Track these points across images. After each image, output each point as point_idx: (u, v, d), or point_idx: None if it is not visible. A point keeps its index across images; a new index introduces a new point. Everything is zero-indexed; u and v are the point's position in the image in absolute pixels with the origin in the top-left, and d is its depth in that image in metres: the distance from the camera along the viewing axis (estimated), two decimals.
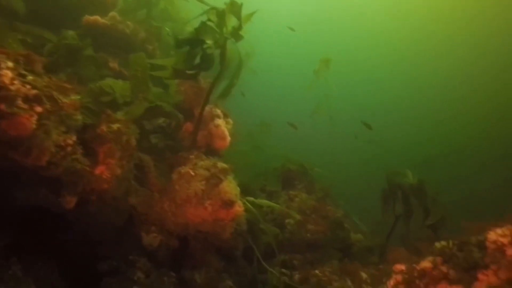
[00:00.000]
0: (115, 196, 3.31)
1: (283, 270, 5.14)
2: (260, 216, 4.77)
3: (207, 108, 4.84)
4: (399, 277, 3.46)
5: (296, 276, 4.69)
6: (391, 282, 3.49)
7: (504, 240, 2.88)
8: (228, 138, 5.02)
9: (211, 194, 3.60)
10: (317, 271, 4.61)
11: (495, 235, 3.00)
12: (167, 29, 5.51)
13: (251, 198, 4.93)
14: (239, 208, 3.78)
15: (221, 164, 3.79)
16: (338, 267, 4.73)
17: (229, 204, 3.66)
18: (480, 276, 2.93)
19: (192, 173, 3.59)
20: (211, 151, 4.99)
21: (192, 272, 3.84)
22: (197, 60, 4.45)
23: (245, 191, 6.55)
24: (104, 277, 3.29)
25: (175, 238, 3.86)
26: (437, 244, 3.47)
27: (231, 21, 4.16)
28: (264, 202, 5.08)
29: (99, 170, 3.00)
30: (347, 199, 8.13)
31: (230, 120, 5.23)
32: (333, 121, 10.08)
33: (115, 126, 3.21)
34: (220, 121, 4.85)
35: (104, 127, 3.10)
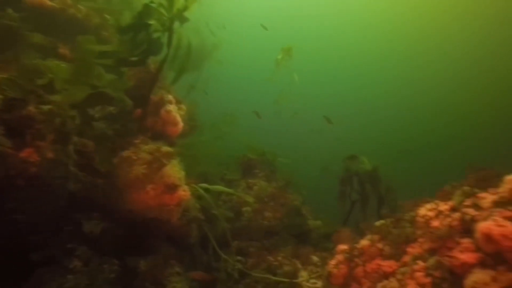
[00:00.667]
0: (48, 182, 3.17)
1: (239, 257, 5.16)
2: (212, 202, 4.73)
3: (158, 94, 4.75)
4: (340, 257, 3.54)
5: (249, 262, 4.70)
6: (333, 262, 3.57)
7: (431, 214, 3.00)
8: (181, 124, 4.94)
9: (154, 178, 3.53)
10: (269, 257, 4.65)
11: (424, 210, 3.12)
12: (107, 16, 5.32)
13: (204, 184, 4.89)
14: (183, 192, 3.72)
15: (165, 148, 3.71)
16: (290, 252, 4.78)
17: (172, 188, 3.60)
18: (408, 249, 3.04)
19: (134, 157, 3.50)
20: (163, 137, 4.89)
21: (137, 259, 3.75)
22: (145, 45, 4.34)
23: (205, 180, 6.52)
24: (37, 267, 3.15)
25: (120, 224, 3.76)
26: (377, 223, 3.58)
27: (178, 3, 4.07)
28: (218, 187, 5.04)
29: (26, 153, 2.86)
30: (311, 189, 8.24)
31: (183, 106, 5.15)
32: (298, 115, 10.14)
33: (46, 107, 3.07)
34: (171, 107, 4.76)
35: (32, 108, 2.95)
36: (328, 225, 6.44)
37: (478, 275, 2.23)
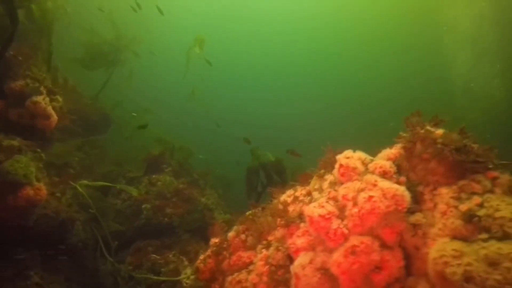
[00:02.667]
0: None
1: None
2: (91, 200, 4.31)
3: (20, 83, 4.19)
4: (209, 251, 3.34)
5: (133, 263, 4.38)
6: (201, 256, 3.37)
7: (289, 200, 2.91)
8: (54, 117, 4.43)
9: None
10: (154, 255, 4.36)
11: (284, 195, 3.02)
12: None
13: (85, 181, 4.46)
14: (32, 191, 3.27)
15: (7, 142, 3.23)
16: (179, 249, 4.54)
17: (15, 187, 3.14)
18: (269, 238, 2.93)
19: None
20: (35, 131, 4.37)
21: None
22: None
23: (105, 178, 6.02)
24: None
25: None
26: (247, 213, 3.44)
27: None
28: (100, 184, 4.62)
29: None
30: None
31: (59, 98, 4.64)
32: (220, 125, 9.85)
33: None
34: (39, 98, 4.23)
35: None
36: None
37: (300, 259, 2.14)
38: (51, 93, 4.50)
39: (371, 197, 1.89)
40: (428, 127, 2.24)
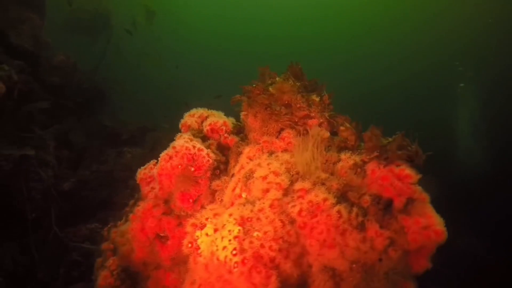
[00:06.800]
0: None
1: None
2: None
3: None
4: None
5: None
6: (110, 224, 3.30)
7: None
8: (1, 86, 4.53)
9: None
10: (95, 223, 4.41)
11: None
12: None
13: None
14: None
15: None
16: None
17: None
18: None
19: None
20: None
21: None
22: None
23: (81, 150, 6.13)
24: None
25: None
26: None
27: None
28: None
29: None
30: None
31: (5, 67, 4.71)
32: None
33: None
34: None
35: None
36: None
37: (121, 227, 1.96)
38: None
39: (165, 155, 1.62)
40: (278, 78, 1.87)
